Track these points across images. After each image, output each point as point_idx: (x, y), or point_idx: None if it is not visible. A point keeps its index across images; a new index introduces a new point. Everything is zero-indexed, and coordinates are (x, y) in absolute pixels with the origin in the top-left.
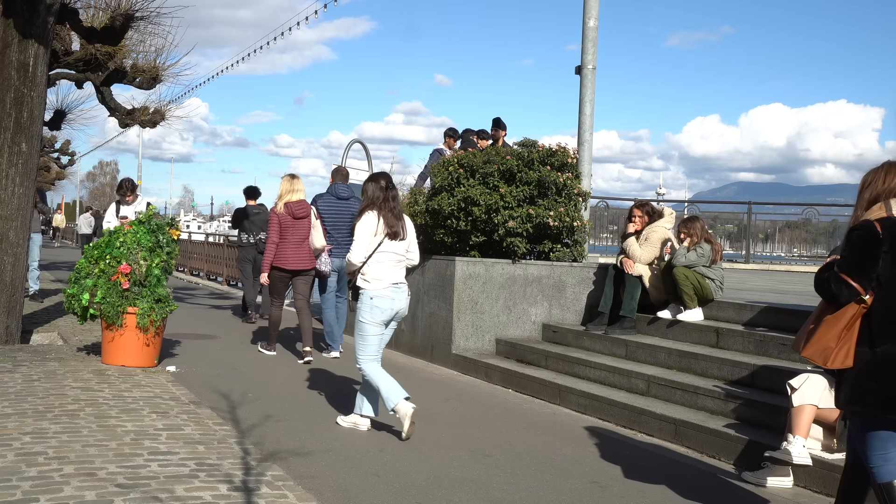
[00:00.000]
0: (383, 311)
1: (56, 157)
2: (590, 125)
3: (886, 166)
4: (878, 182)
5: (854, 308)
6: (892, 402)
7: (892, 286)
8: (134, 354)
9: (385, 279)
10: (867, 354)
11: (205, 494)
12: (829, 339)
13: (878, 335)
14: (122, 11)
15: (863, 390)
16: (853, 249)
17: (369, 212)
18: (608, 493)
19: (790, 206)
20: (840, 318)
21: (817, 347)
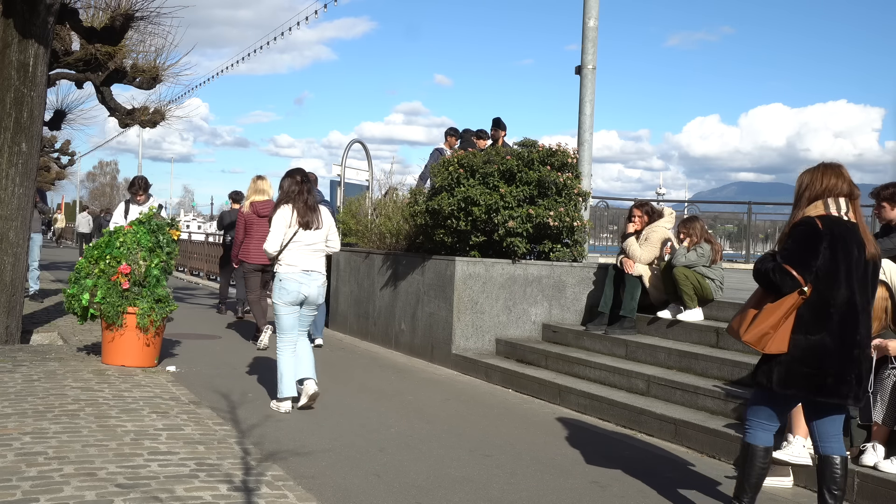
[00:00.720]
0: (290, 292)
1: (56, 157)
2: (590, 125)
3: (822, 168)
4: (816, 183)
5: (794, 298)
6: (822, 387)
7: (829, 279)
8: (134, 354)
9: (297, 265)
10: (802, 342)
11: (205, 494)
12: (767, 326)
13: (812, 324)
14: (122, 11)
15: (795, 374)
16: (797, 243)
17: (284, 205)
18: (608, 493)
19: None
20: (780, 306)
21: (756, 332)
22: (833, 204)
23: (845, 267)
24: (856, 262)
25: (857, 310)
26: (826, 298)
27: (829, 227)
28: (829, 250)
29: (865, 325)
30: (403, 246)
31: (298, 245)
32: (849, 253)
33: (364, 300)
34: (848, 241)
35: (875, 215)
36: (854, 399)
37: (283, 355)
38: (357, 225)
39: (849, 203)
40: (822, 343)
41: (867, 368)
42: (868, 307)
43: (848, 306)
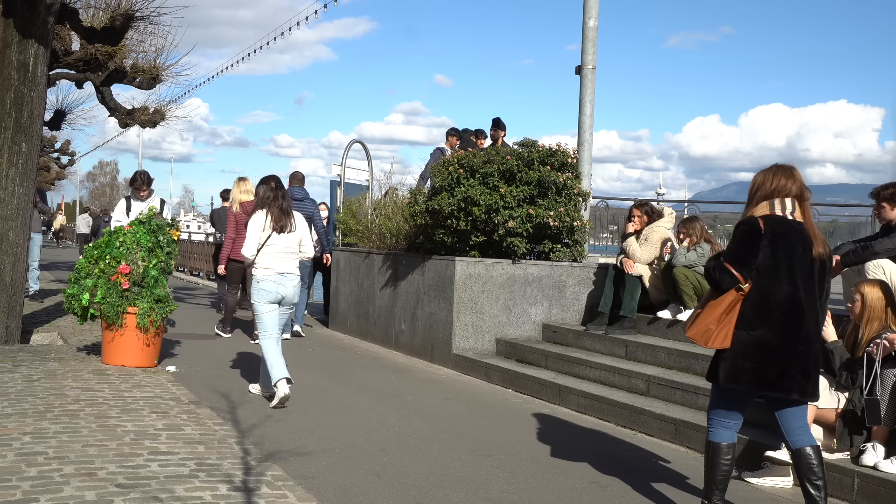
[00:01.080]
0: (268, 292)
1: (56, 157)
2: (590, 125)
3: (774, 168)
4: (766, 183)
5: (733, 294)
6: (764, 381)
7: (769, 276)
8: (134, 354)
9: (272, 268)
10: (744, 337)
11: (205, 494)
12: (710, 322)
13: (753, 320)
14: (122, 11)
15: (739, 369)
16: (737, 242)
17: (259, 210)
18: (608, 493)
19: None
20: (721, 303)
21: (699, 329)
22: (779, 204)
23: (787, 264)
24: (800, 260)
25: (802, 306)
26: (767, 295)
27: (771, 226)
28: (769, 248)
29: (812, 321)
30: (403, 246)
31: (273, 248)
32: (791, 251)
33: (364, 300)
34: (791, 240)
35: (875, 215)
36: (799, 393)
37: (269, 350)
38: (357, 225)
39: (795, 203)
40: (763, 338)
41: (816, 363)
42: (815, 303)
43: (791, 302)
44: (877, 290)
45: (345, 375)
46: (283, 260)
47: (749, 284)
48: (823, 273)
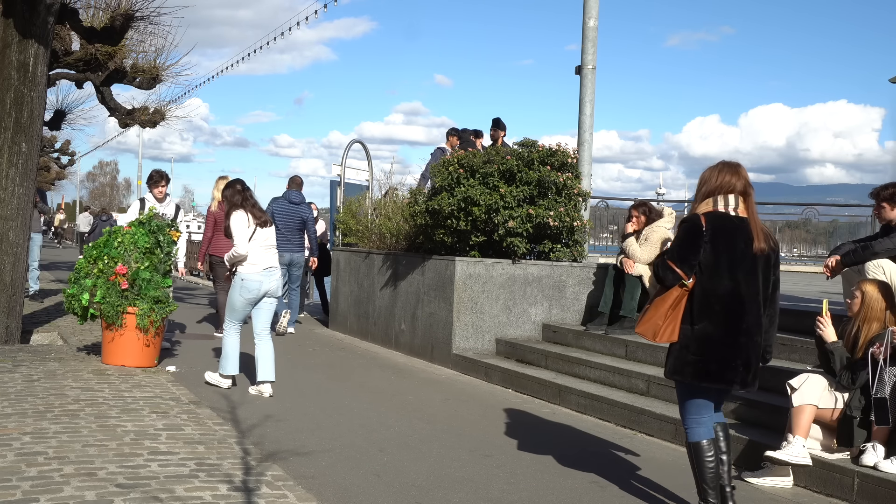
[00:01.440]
0: (250, 291)
1: (56, 157)
2: (590, 125)
3: (720, 166)
4: (712, 180)
5: (678, 290)
6: (706, 373)
7: (711, 272)
8: (134, 354)
9: (258, 264)
10: (688, 331)
11: (205, 494)
12: (657, 318)
13: (697, 315)
14: (122, 11)
15: (683, 362)
16: (679, 239)
17: (236, 211)
18: (608, 493)
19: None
20: (666, 299)
21: (648, 325)
22: (722, 200)
23: (728, 260)
24: (741, 256)
25: (743, 300)
26: (709, 290)
27: (712, 223)
28: (710, 245)
29: (754, 314)
30: (403, 246)
31: (257, 244)
32: (732, 247)
33: (364, 300)
34: (732, 236)
35: (875, 215)
36: (741, 385)
37: (230, 336)
38: (357, 225)
39: (739, 199)
40: (705, 332)
41: (757, 355)
42: (757, 297)
43: (731, 297)
44: (878, 290)
45: (345, 375)
46: (267, 253)
47: (692, 280)
48: (768, 267)
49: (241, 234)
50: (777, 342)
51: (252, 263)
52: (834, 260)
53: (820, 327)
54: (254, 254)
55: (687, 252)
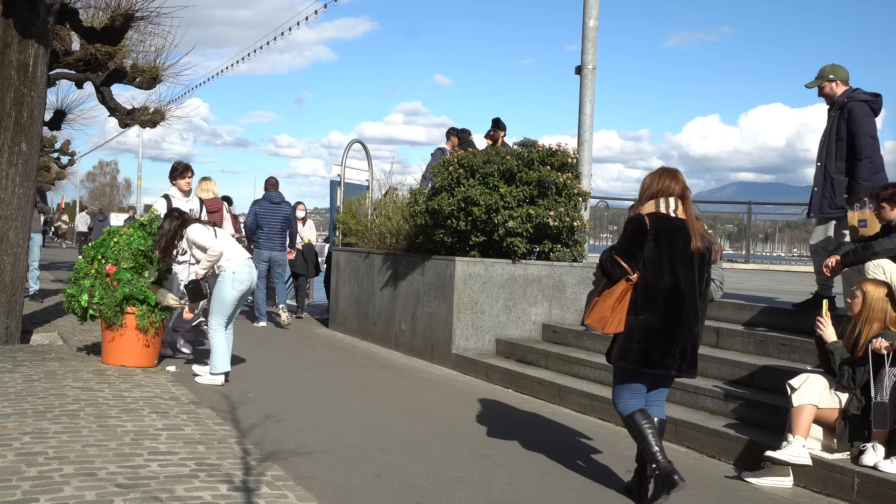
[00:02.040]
0: (243, 282)
1: (56, 157)
2: (590, 125)
3: (660, 171)
4: (653, 184)
5: (624, 284)
6: (649, 359)
7: (653, 268)
8: (134, 355)
9: (240, 254)
10: (633, 321)
11: (205, 494)
12: (605, 310)
13: (640, 306)
14: (122, 11)
15: (628, 349)
16: (625, 237)
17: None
18: (608, 493)
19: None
20: (614, 292)
21: (596, 316)
22: (663, 203)
23: (669, 257)
24: (680, 253)
25: (683, 293)
26: (651, 284)
27: (655, 223)
28: (653, 242)
29: (692, 307)
30: (403, 246)
31: (224, 239)
32: (673, 245)
33: (364, 300)
34: (673, 235)
35: (875, 216)
36: (677, 370)
37: (218, 334)
38: (357, 225)
39: (678, 202)
40: (648, 322)
41: (693, 345)
42: (695, 290)
43: (672, 291)
44: (879, 290)
45: (345, 375)
46: (239, 245)
47: (637, 275)
48: (703, 264)
49: (206, 237)
50: (777, 342)
51: (232, 256)
52: (834, 260)
53: (820, 327)
54: (228, 247)
55: (633, 248)
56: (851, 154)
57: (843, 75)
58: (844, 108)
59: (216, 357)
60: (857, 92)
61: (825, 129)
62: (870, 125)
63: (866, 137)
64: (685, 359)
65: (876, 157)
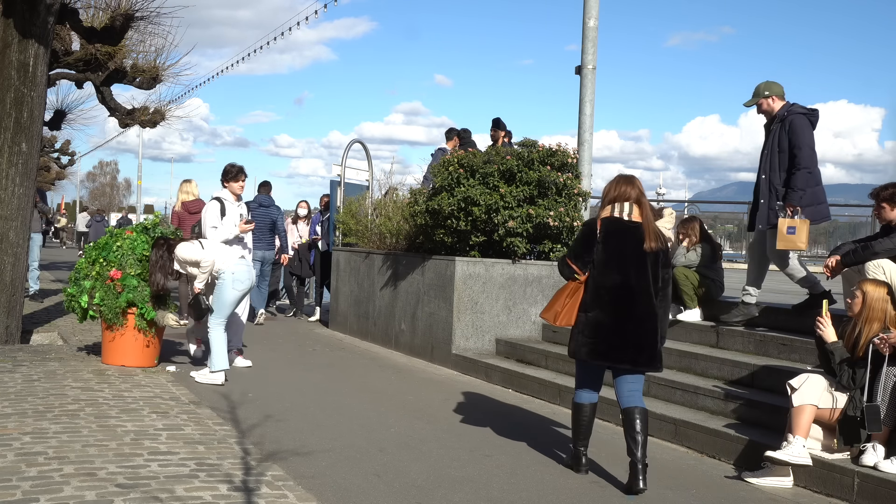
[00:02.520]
0: (243, 281)
1: (56, 157)
2: (590, 125)
3: (618, 178)
4: (611, 191)
5: (573, 283)
6: (597, 353)
7: (601, 268)
8: (134, 354)
9: (233, 254)
10: (583, 318)
11: (205, 494)
12: (557, 306)
13: (589, 304)
14: (122, 11)
15: (578, 344)
16: (576, 240)
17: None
18: (608, 493)
19: None
20: (565, 289)
21: (550, 311)
22: (619, 207)
23: (618, 258)
24: (632, 254)
25: (633, 292)
26: (599, 283)
27: (606, 226)
28: (601, 245)
29: (645, 304)
30: (403, 246)
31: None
32: (623, 246)
33: (364, 300)
34: (623, 237)
35: (875, 216)
36: (630, 363)
37: (217, 332)
38: (357, 225)
39: (633, 206)
40: (596, 318)
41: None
42: (648, 289)
43: (620, 289)
44: (879, 290)
45: (345, 375)
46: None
47: (586, 275)
48: (656, 264)
49: (194, 251)
50: (777, 342)
51: (226, 258)
52: (834, 260)
53: (820, 327)
54: (220, 252)
55: (580, 250)
56: (791, 164)
57: (778, 91)
58: (785, 121)
59: (216, 355)
60: (795, 106)
61: (767, 143)
62: (810, 136)
63: (807, 148)
64: (641, 352)
65: (814, 168)
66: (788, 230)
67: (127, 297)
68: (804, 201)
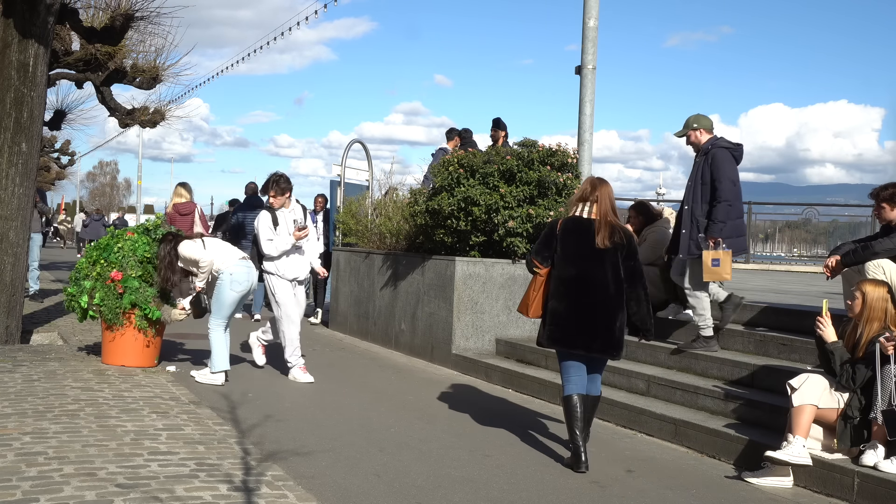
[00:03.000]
0: (241, 283)
1: (56, 157)
2: (590, 125)
3: (586, 180)
4: (577, 193)
5: (539, 277)
6: (554, 339)
7: (560, 262)
8: (134, 354)
9: (234, 255)
10: (547, 308)
11: (205, 494)
12: (528, 298)
13: (551, 295)
14: (122, 11)
15: (541, 332)
16: (539, 239)
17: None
18: (608, 493)
19: (790, 206)
20: (533, 283)
21: (523, 305)
22: (580, 206)
23: (576, 253)
24: (588, 250)
25: (588, 283)
26: (557, 276)
27: (565, 225)
28: (560, 242)
29: (601, 295)
30: (403, 246)
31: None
32: (580, 242)
33: (364, 300)
34: (581, 234)
35: (875, 216)
36: (584, 349)
37: (217, 333)
38: (357, 225)
39: (592, 205)
40: (556, 308)
41: (607, 327)
42: (605, 281)
43: (576, 281)
44: (878, 290)
45: (345, 375)
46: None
47: (546, 269)
48: (617, 256)
49: (195, 250)
50: (777, 342)
51: (226, 259)
52: (834, 260)
53: (820, 327)
54: (220, 252)
55: (541, 247)
56: (713, 197)
57: (706, 124)
58: (709, 154)
59: (216, 356)
60: (720, 140)
61: (691, 175)
62: (731, 170)
63: (727, 181)
64: (595, 339)
65: (736, 202)
66: (713, 262)
67: (130, 298)
68: (724, 233)
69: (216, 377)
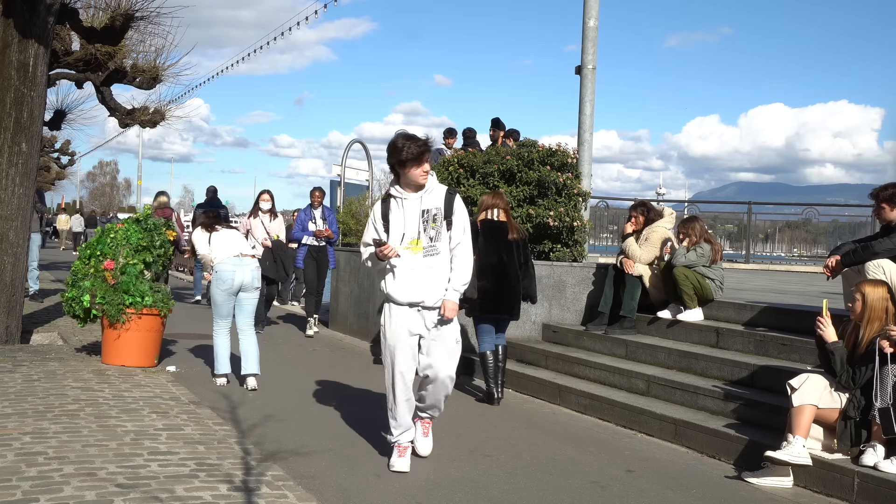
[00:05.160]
0: (224, 281)
1: (56, 157)
2: (590, 125)
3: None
4: (486, 201)
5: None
6: (486, 308)
7: (484, 252)
8: (134, 354)
9: (225, 252)
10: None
11: (205, 494)
12: None
13: (480, 276)
14: (122, 11)
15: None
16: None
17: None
18: (608, 493)
19: (790, 206)
20: None
21: None
22: (492, 212)
23: (493, 246)
24: (503, 243)
25: (506, 267)
26: (483, 262)
27: (483, 226)
28: (482, 238)
29: (513, 276)
30: None
31: (217, 244)
32: (497, 238)
33: (364, 300)
34: (496, 232)
35: (875, 216)
36: (508, 314)
37: (219, 336)
38: (357, 225)
39: (500, 211)
40: (484, 286)
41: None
42: (514, 265)
43: (496, 267)
44: (878, 290)
45: (345, 375)
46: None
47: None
48: (519, 248)
49: (199, 242)
50: (777, 342)
51: (218, 256)
52: (834, 260)
53: (820, 327)
54: (218, 250)
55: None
56: None
57: None
58: None
59: (216, 360)
60: None
61: None
62: None
63: None
64: (512, 309)
65: None
66: None
67: (125, 285)
68: None
69: (217, 379)
